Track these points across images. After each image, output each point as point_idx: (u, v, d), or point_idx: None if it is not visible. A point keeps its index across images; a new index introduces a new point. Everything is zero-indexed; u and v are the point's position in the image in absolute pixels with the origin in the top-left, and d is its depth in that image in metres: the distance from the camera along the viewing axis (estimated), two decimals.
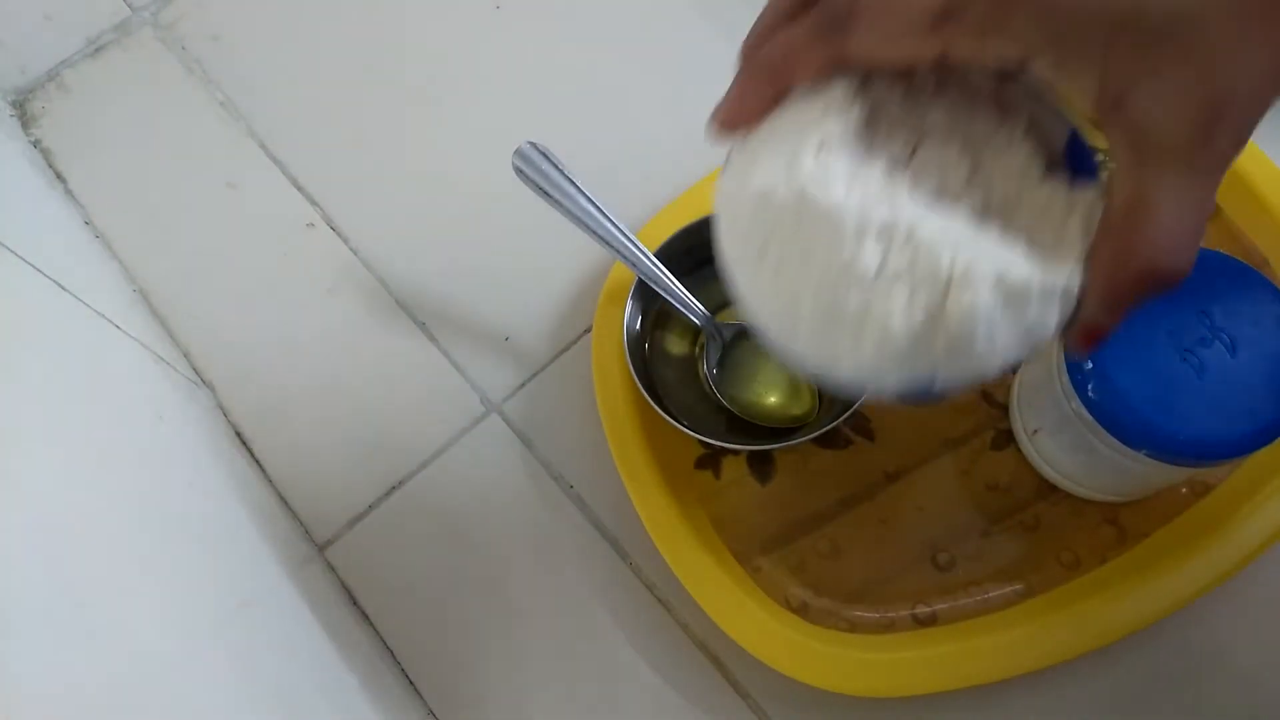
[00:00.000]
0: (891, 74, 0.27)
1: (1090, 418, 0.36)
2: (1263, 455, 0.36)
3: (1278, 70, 0.22)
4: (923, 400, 0.27)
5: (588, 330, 0.50)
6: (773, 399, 0.46)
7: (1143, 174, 0.23)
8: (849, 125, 0.26)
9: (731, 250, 0.28)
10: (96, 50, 0.60)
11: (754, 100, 0.27)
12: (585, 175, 0.44)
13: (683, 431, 0.43)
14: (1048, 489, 0.44)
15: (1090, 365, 0.35)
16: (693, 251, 0.47)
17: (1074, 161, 0.28)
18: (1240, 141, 0.23)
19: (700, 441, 0.45)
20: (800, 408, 0.46)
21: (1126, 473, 0.39)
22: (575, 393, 0.49)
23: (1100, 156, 0.27)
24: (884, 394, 0.27)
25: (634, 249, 0.44)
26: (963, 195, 0.27)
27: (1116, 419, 0.35)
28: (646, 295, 0.47)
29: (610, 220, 0.44)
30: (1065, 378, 0.37)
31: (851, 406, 0.43)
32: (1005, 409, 0.46)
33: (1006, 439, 0.45)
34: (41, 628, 0.31)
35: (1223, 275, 0.36)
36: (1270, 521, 0.41)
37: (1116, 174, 0.24)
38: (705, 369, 0.46)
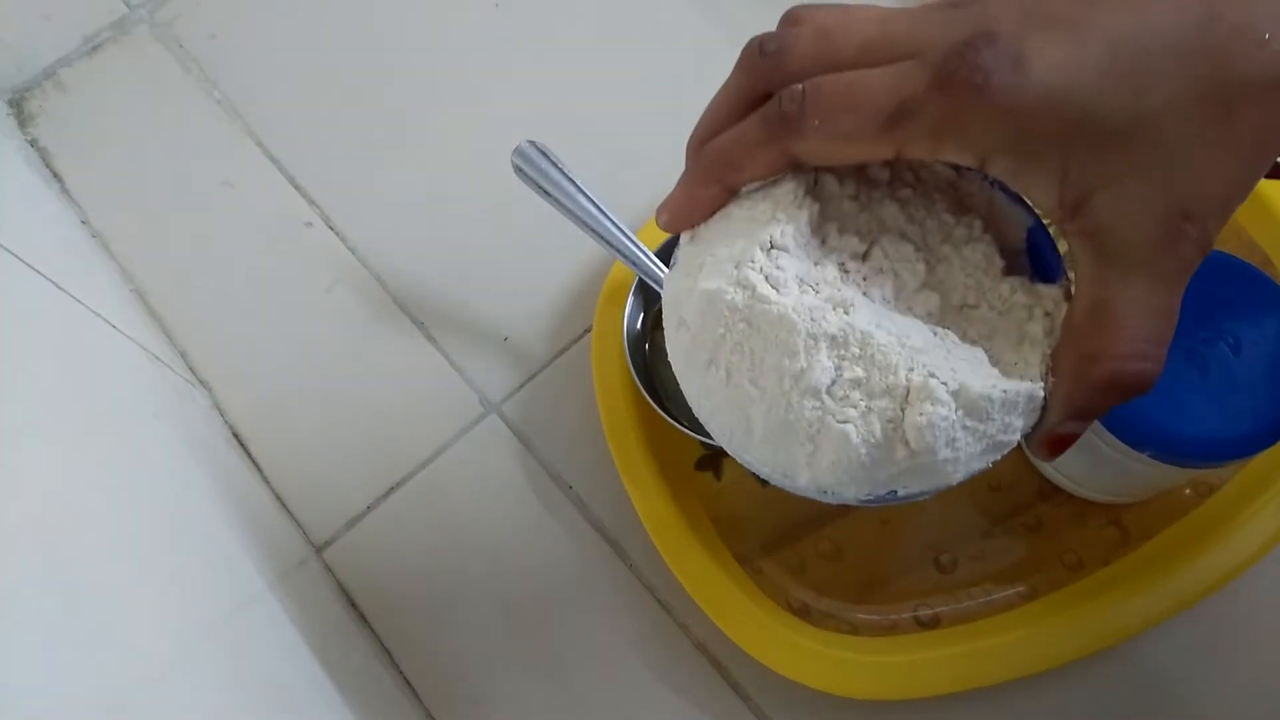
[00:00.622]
0: (844, 169, 0.27)
1: None
2: (1266, 456, 0.36)
3: (1239, 175, 0.22)
4: (887, 503, 0.26)
5: (588, 330, 0.49)
6: None
7: (1105, 279, 0.23)
8: (800, 225, 0.25)
9: (679, 355, 0.27)
10: (93, 49, 0.60)
11: (702, 197, 0.27)
12: (585, 174, 0.44)
13: (682, 432, 0.43)
14: (1050, 490, 0.44)
15: None
16: None
17: (1035, 256, 0.27)
18: (1205, 247, 0.23)
19: (700, 442, 0.45)
20: None
21: (1130, 474, 0.39)
22: (575, 393, 0.49)
23: (1063, 249, 0.26)
24: (845, 502, 0.26)
25: (634, 248, 0.44)
26: (919, 298, 0.26)
27: (1120, 420, 0.35)
28: (647, 294, 0.46)
29: (610, 219, 0.43)
30: None
31: None
32: None
33: None
34: (38, 628, 0.31)
35: (1226, 275, 0.36)
36: (1274, 523, 0.41)
37: (1078, 278, 0.24)
38: None
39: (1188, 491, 0.43)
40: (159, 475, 0.44)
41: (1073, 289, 0.24)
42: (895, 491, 0.25)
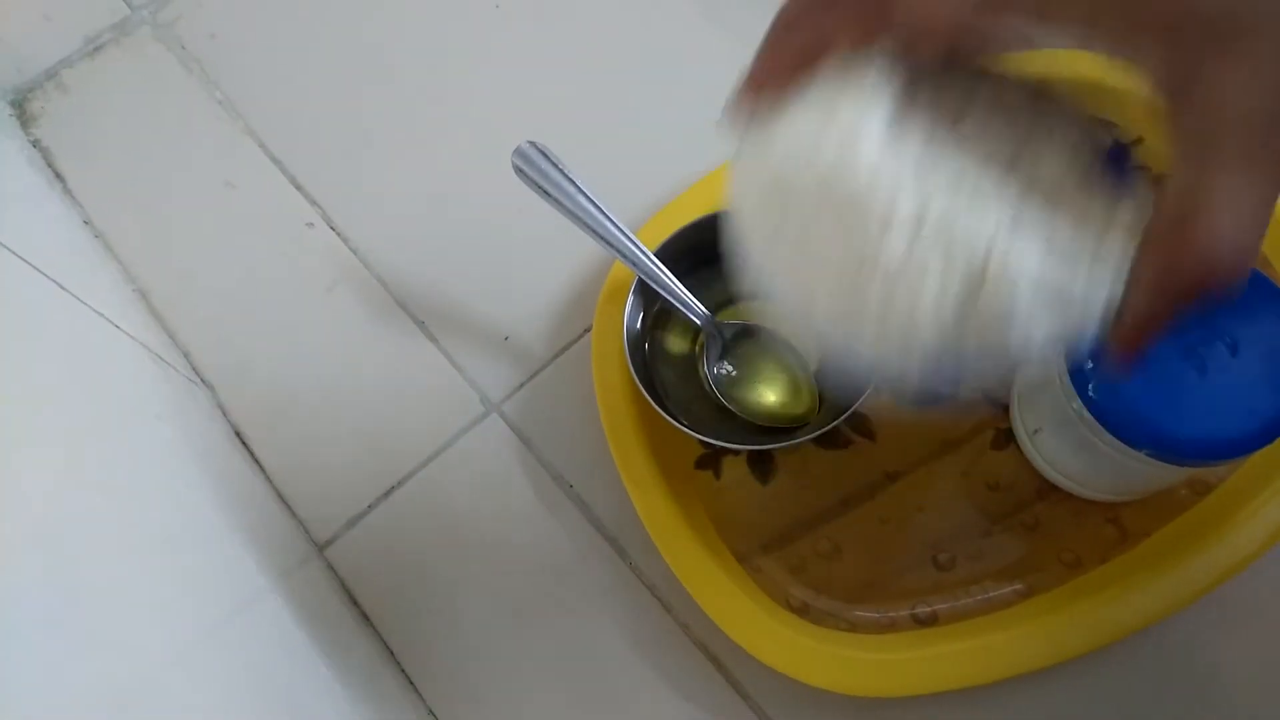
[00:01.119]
0: (931, 53, 0.25)
1: (1091, 418, 0.36)
2: (1264, 455, 0.36)
3: None
4: (934, 401, 0.25)
5: (588, 330, 0.50)
6: (773, 398, 0.46)
7: (1204, 165, 0.21)
8: (884, 104, 0.24)
9: (747, 222, 0.26)
10: (95, 50, 0.60)
11: (787, 68, 0.25)
12: (585, 174, 0.44)
13: (682, 431, 0.43)
14: (1048, 489, 0.44)
15: (1091, 365, 0.35)
16: (694, 251, 0.46)
17: (1114, 175, 0.26)
18: None
19: (700, 441, 0.45)
20: (800, 407, 0.45)
21: (1128, 472, 0.39)
22: (575, 393, 0.49)
23: (1141, 171, 0.25)
24: (901, 386, 0.25)
25: (634, 248, 0.44)
26: (1001, 183, 0.24)
27: (1117, 419, 0.35)
28: (646, 294, 0.46)
29: (610, 219, 0.44)
30: (1066, 378, 0.37)
31: (851, 406, 0.42)
32: (1005, 409, 0.46)
33: (1007, 439, 0.45)
34: (40, 628, 0.31)
35: None
36: (1272, 521, 0.41)
37: (1174, 165, 0.22)
38: (705, 369, 0.46)
39: (1185, 490, 0.43)
40: (161, 475, 0.44)
41: (1165, 183, 0.22)
42: (958, 378, 0.24)
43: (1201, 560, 0.41)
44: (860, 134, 0.24)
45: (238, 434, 0.51)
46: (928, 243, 0.23)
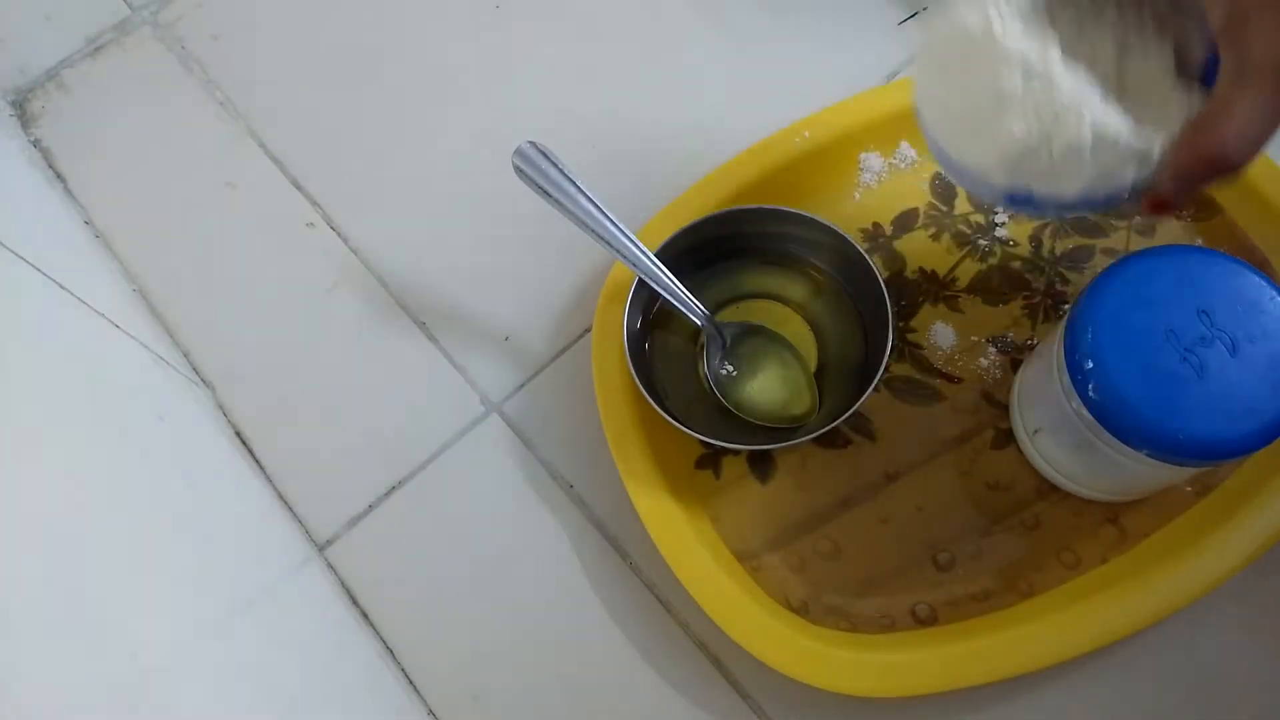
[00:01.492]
0: None
1: (1091, 417, 0.36)
2: (1263, 455, 0.36)
3: None
4: (1019, 207, 0.36)
5: (588, 330, 0.50)
6: (773, 399, 0.46)
7: (1235, 83, 0.29)
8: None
9: (923, 60, 0.37)
10: (96, 50, 0.60)
11: None
12: (585, 175, 0.44)
13: (683, 431, 0.43)
14: (1048, 489, 0.44)
15: (1091, 365, 0.35)
16: (693, 251, 0.46)
17: (1207, 76, 0.33)
18: None
19: (700, 441, 0.45)
20: (800, 407, 0.45)
21: (1127, 473, 0.39)
22: (575, 393, 0.49)
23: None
24: (990, 193, 0.35)
25: (634, 249, 0.44)
26: (1106, 65, 0.34)
27: (1117, 419, 0.35)
28: (647, 294, 0.46)
29: (610, 220, 0.44)
30: (1066, 377, 0.37)
31: (851, 407, 0.42)
32: (1005, 409, 0.46)
33: (1006, 439, 0.45)
34: (41, 627, 0.31)
35: (1222, 275, 0.36)
36: (1271, 521, 0.41)
37: (1218, 83, 0.29)
38: (705, 368, 0.46)
39: (1186, 490, 0.43)
40: (162, 475, 0.44)
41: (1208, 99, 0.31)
42: (1031, 192, 0.34)
43: (1201, 560, 0.41)
44: (1011, 13, 0.34)
45: (238, 434, 0.51)
46: (1038, 87, 0.33)
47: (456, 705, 0.45)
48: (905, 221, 0.50)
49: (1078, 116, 0.32)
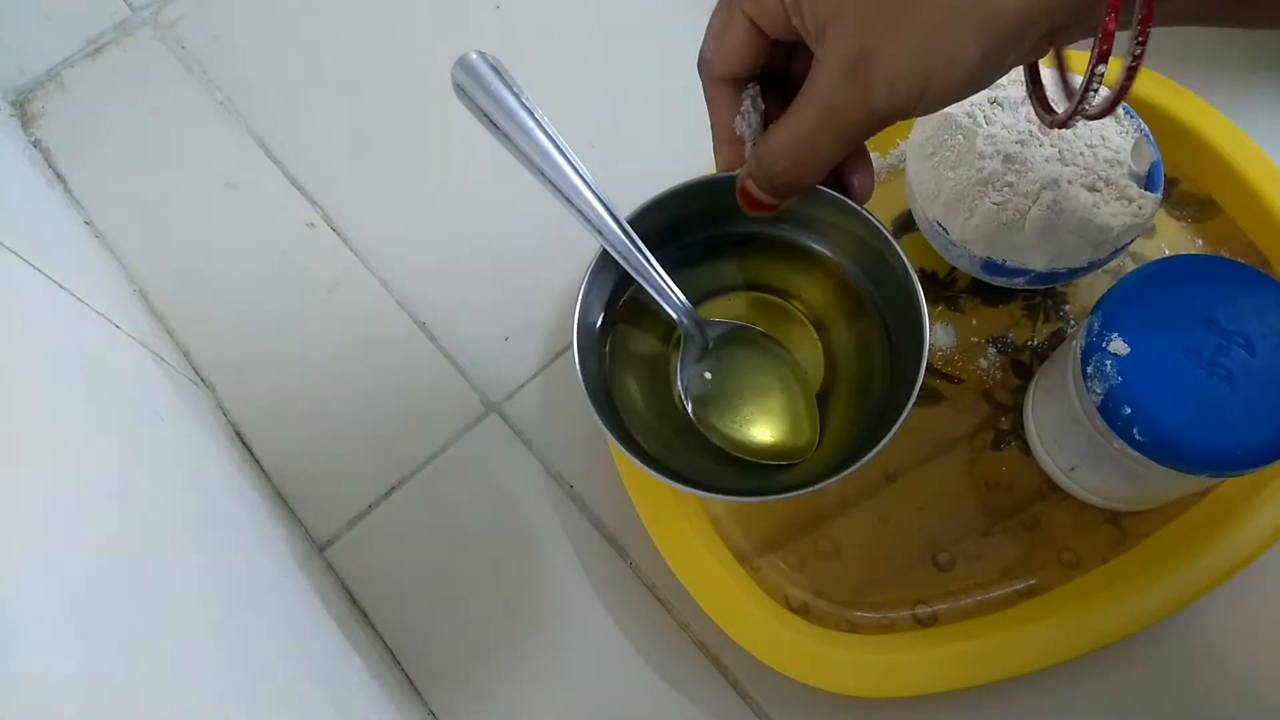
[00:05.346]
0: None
1: (1137, 454, 0.36)
2: None
3: (917, 47, 0.26)
4: (993, 275, 0.44)
5: None
6: (762, 428, 0.36)
7: (794, 105, 0.29)
8: (1013, 97, 0.42)
9: (916, 144, 0.44)
10: (96, 50, 0.61)
11: None
12: (585, 174, 0.44)
13: (636, 464, 0.33)
14: (1049, 488, 0.44)
15: (1129, 410, 0.35)
16: (676, 228, 0.36)
17: (1150, 180, 0.42)
18: (866, 102, 0.28)
19: (661, 481, 0.33)
20: (796, 440, 0.36)
21: (1184, 484, 0.39)
22: (575, 393, 0.49)
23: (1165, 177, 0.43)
24: (969, 262, 0.43)
25: (597, 208, 0.33)
26: (1063, 157, 0.42)
27: (1171, 453, 0.35)
28: (613, 278, 0.36)
29: (570, 160, 0.33)
30: (1099, 421, 0.36)
31: (857, 443, 0.34)
32: (1005, 409, 0.46)
33: (1007, 439, 0.45)
34: (41, 628, 0.31)
35: (1217, 277, 0.36)
36: (1271, 521, 0.41)
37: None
38: (679, 383, 0.36)
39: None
40: (161, 475, 0.44)
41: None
42: (1005, 260, 0.42)
43: (1201, 560, 0.41)
44: (995, 110, 0.42)
45: (238, 434, 0.51)
46: (1012, 172, 0.41)
47: (456, 705, 0.45)
48: (905, 221, 0.50)
49: (1041, 197, 0.40)
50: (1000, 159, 0.41)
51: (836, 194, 0.34)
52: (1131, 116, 0.43)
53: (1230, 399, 0.34)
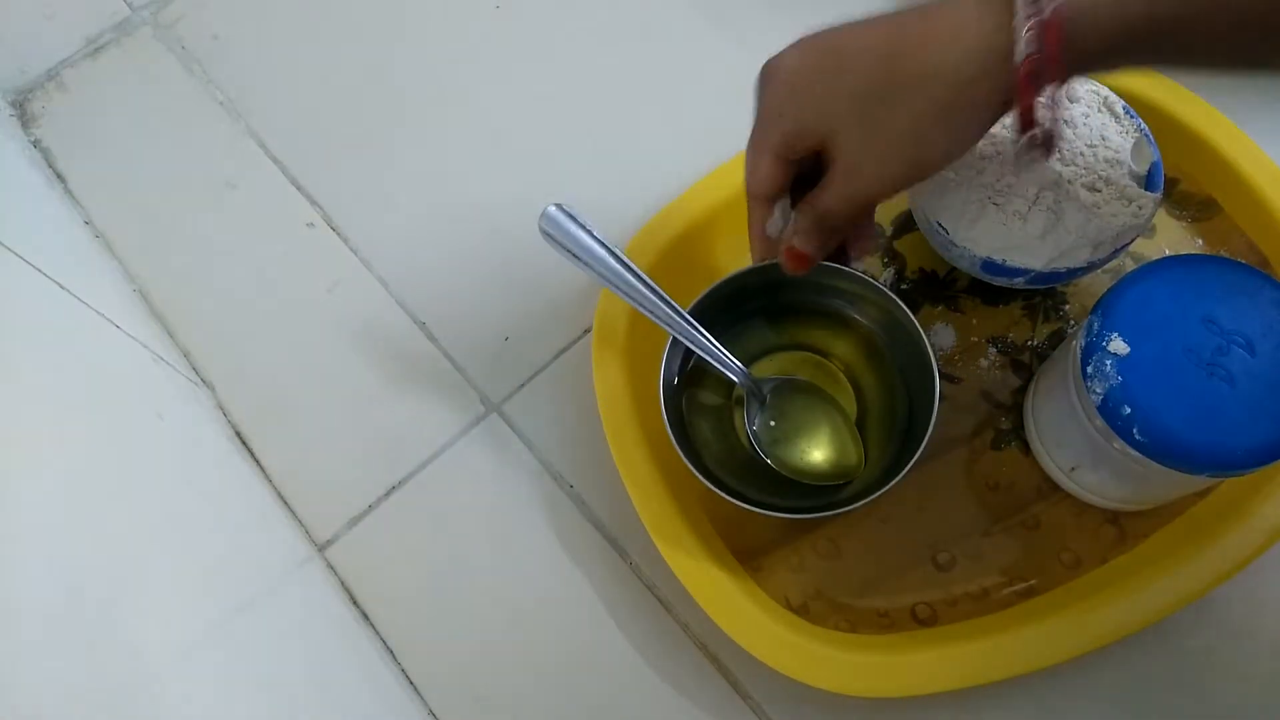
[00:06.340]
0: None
1: (1138, 454, 0.36)
2: None
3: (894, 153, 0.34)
4: (993, 274, 0.44)
5: (587, 330, 0.50)
6: (820, 456, 0.43)
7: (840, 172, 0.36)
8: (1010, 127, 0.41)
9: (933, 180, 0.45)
10: (96, 50, 0.60)
11: None
12: (584, 174, 0.44)
13: (718, 494, 0.41)
14: (1049, 489, 0.44)
15: (1129, 410, 0.35)
16: (730, 301, 0.44)
17: (1150, 178, 0.43)
18: (851, 197, 0.36)
19: (744, 509, 0.41)
20: (848, 461, 0.43)
21: (1179, 483, 0.39)
22: (575, 393, 0.49)
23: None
24: (970, 261, 0.43)
25: (667, 309, 0.41)
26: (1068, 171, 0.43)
27: (1171, 453, 0.35)
28: (679, 351, 0.44)
29: (643, 280, 0.41)
30: (1099, 421, 0.36)
31: (892, 463, 0.41)
32: (1006, 409, 0.46)
33: (1006, 439, 0.45)
34: (42, 627, 0.31)
35: (1217, 277, 0.36)
36: (1270, 522, 0.41)
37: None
38: (746, 427, 0.44)
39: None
40: (161, 475, 0.44)
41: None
42: (1005, 260, 0.42)
43: (1201, 560, 0.41)
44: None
45: (238, 434, 0.51)
46: (1011, 176, 0.42)
47: (456, 705, 0.45)
48: (905, 221, 0.50)
49: (1041, 203, 0.41)
50: (1001, 159, 0.42)
51: (856, 272, 0.43)
52: (1132, 116, 0.43)
53: (1230, 399, 0.34)
